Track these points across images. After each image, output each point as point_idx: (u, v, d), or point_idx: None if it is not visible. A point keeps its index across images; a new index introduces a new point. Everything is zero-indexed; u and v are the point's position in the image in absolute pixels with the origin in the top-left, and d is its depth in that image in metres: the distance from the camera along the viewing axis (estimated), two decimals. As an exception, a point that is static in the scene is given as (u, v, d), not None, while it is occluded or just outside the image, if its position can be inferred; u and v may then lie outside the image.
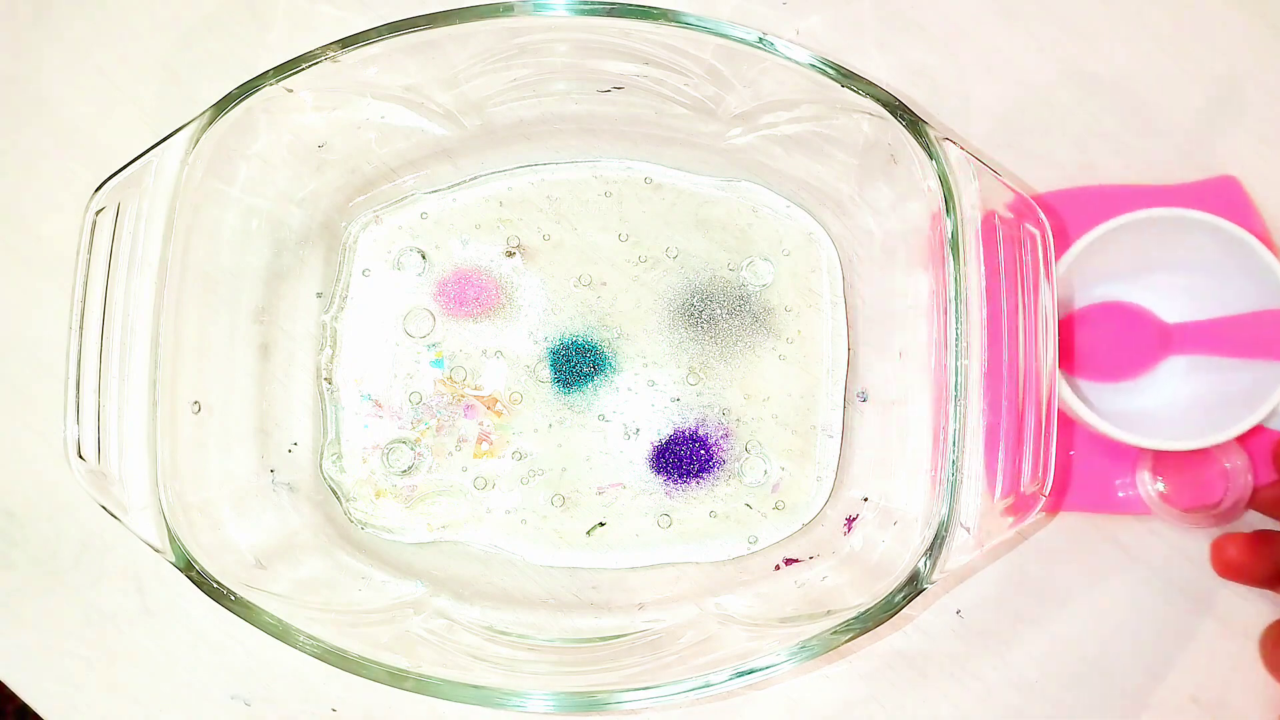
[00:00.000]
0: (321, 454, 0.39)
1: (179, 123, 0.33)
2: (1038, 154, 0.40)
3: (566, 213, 0.40)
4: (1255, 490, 0.37)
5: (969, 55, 0.41)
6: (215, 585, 0.31)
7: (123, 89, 0.41)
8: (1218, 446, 0.36)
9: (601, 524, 0.38)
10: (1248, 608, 0.38)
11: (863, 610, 0.31)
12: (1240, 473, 0.37)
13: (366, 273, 0.39)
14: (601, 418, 0.39)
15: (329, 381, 0.39)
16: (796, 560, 0.38)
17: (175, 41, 0.41)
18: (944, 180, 0.32)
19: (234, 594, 0.31)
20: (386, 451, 0.38)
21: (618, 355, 0.39)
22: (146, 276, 0.32)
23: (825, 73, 0.33)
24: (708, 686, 0.31)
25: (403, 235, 0.40)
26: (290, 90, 0.34)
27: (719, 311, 0.39)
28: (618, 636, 0.35)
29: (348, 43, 0.33)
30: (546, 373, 0.39)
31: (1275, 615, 0.38)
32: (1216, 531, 0.38)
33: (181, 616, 0.38)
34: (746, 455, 0.39)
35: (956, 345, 0.32)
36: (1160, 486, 0.38)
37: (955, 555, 0.31)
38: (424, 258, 0.39)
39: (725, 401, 0.39)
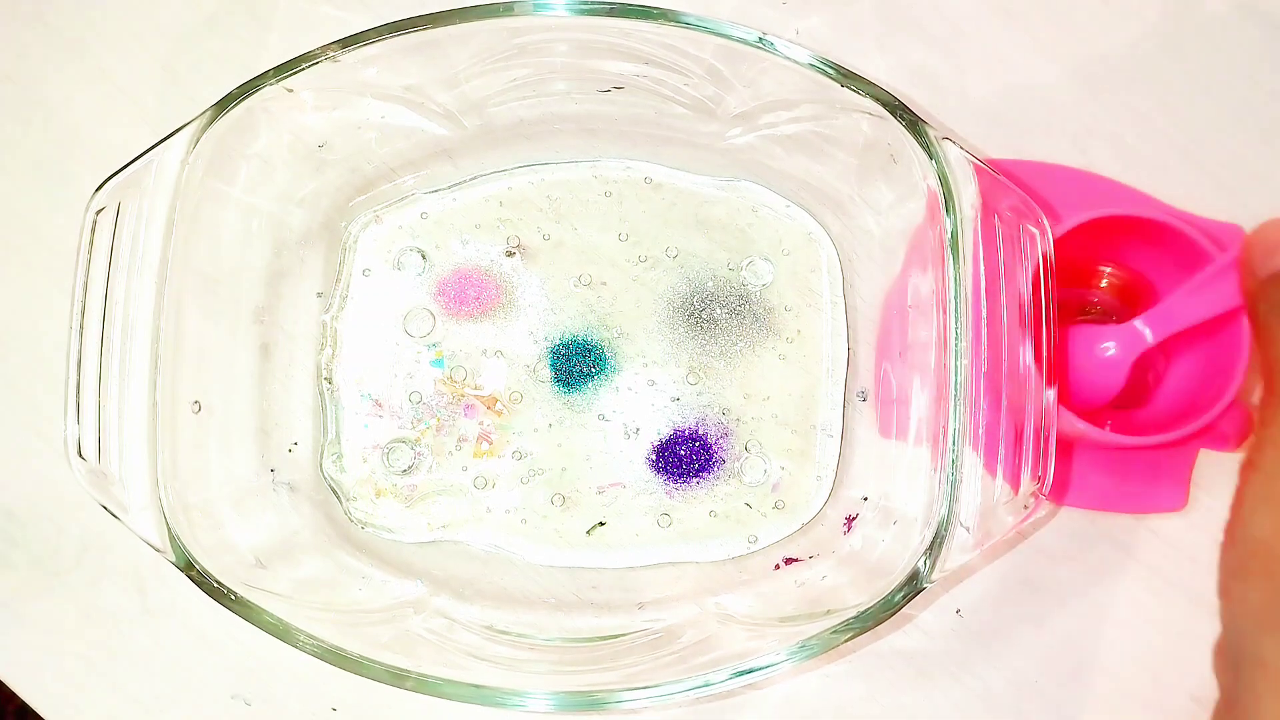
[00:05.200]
0: (322, 453, 0.39)
1: (179, 122, 0.33)
2: (1037, 154, 0.40)
3: (566, 213, 0.40)
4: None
5: (969, 55, 0.41)
6: (215, 585, 0.31)
7: (123, 89, 0.41)
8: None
9: (601, 524, 0.38)
10: (1247, 607, 0.38)
11: (862, 610, 0.31)
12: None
13: (367, 272, 0.39)
14: (601, 417, 0.39)
15: (329, 381, 0.39)
16: (796, 560, 0.38)
17: (176, 41, 0.41)
18: (943, 180, 0.32)
19: (234, 594, 0.31)
20: (387, 451, 0.39)
21: (618, 355, 0.39)
22: (147, 276, 0.32)
23: (825, 73, 0.33)
24: (707, 686, 0.31)
25: (403, 235, 0.40)
26: (291, 90, 0.34)
27: (719, 311, 0.39)
28: (618, 636, 0.35)
29: (348, 43, 0.33)
30: (546, 372, 0.39)
31: None
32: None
33: (182, 616, 0.38)
34: (746, 455, 0.39)
35: (956, 345, 0.32)
36: None
37: (955, 555, 0.31)
38: (424, 258, 0.39)
39: (725, 401, 0.39)
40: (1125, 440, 0.35)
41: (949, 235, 0.32)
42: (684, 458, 0.38)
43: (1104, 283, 0.39)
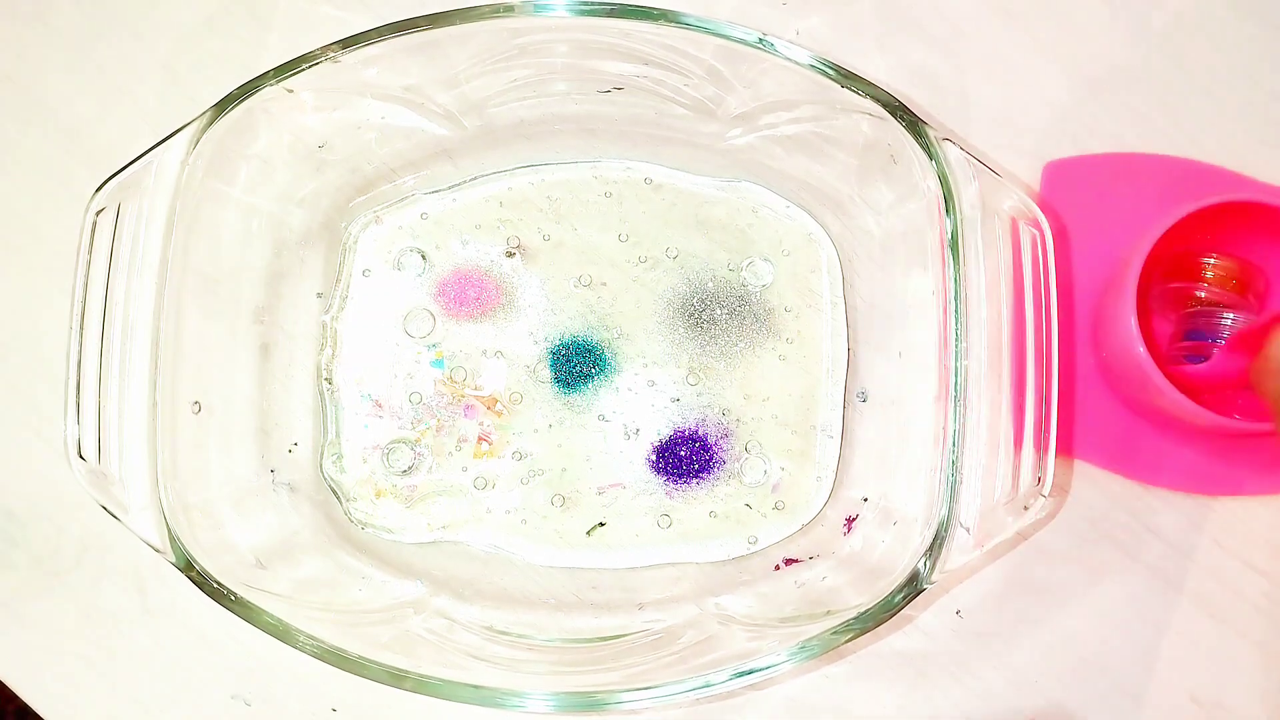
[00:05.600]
0: (322, 454, 0.39)
1: (179, 123, 0.33)
2: (1037, 154, 0.41)
3: (566, 213, 0.40)
4: None
5: (969, 55, 0.41)
6: (215, 585, 0.31)
7: (123, 89, 0.41)
8: None
9: (601, 524, 0.38)
10: (1247, 607, 0.38)
11: (863, 610, 0.31)
12: None
13: (367, 273, 0.39)
14: (601, 418, 0.39)
15: (329, 381, 0.39)
16: (796, 560, 0.38)
17: (175, 42, 0.41)
18: (943, 180, 0.32)
19: (234, 594, 0.31)
20: (387, 451, 0.39)
21: (618, 355, 0.39)
22: (147, 277, 0.32)
23: (825, 73, 0.33)
24: (708, 686, 0.31)
25: (403, 235, 0.40)
26: (291, 90, 0.34)
27: (719, 312, 0.39)
28: (618, 636, 0.35)
29: (348, 43, 0.33)
30: (546, 373, 0.39)
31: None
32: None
33: (182, 616, 0.38)
34: (746, 455, 0.39)
35: (956, 345, 0.32)
36: None
37: (955, 555, 0.31)
38: (424, 258, 0.39)
39: (725, 401, 0.39)
40: (1251, 426, 0.35)
41: (949, 235, 0.32)
42: (684, 458, 0.39)
43: (1209, 274, 0.38)
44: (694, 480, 0.39)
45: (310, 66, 0.33)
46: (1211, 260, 0.38)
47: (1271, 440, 0.38)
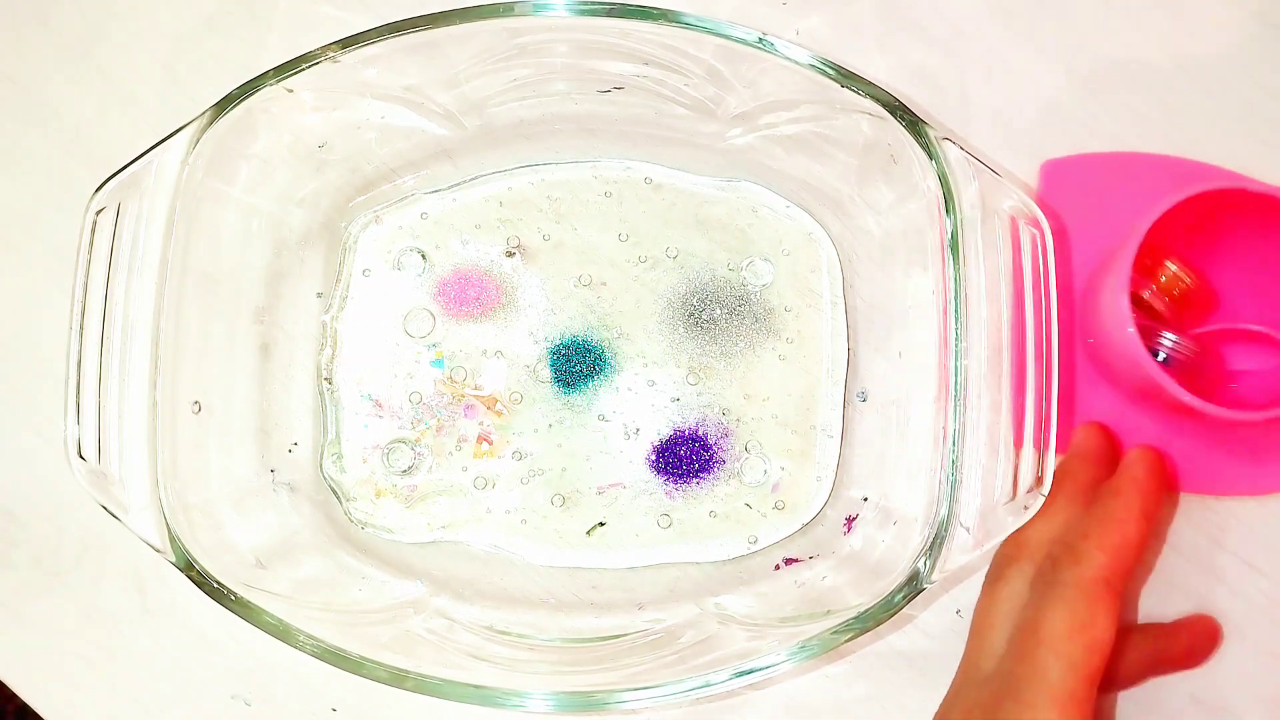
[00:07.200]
0: (322, 454, 0.39)
1: (179, 123, 0.33)
2: (1037, 154, 0.41)
3: (566, 213, 0.40)
4: None
5: (969, 55, 0.41)
6: (215, 585, 0.31)
7: (123, 89, 0.41)
8: None
9: (601, 524, 0.38)
10: (1248, 607, 0.38)
11: (862, 610, 0.31)
12: None
13: (367, 273, 0.39)
14: (601, 418, 0.39)
15: (329, 381, 0.39)
16: (796, 560, 0.38)
17: (175, 42, 0.41)
18: (943, 180, 0.32)
19: (234, 594, 0.31)
20: (387, 451, 0.39)
21: (618, 355, 0.39)
22: (147, 277, 0.32)
23: (825, 73, 0.33)
24: (708, 686, 0.31)
25: (403, 235, 0.40)
26: (291, 90, 0.34)
27: (719, 311, 0.39)
28: (618, 636, 0.35)
29: (348, 43, 0.33)
30: (546, 373, 0.39)
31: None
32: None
33: (182, 616, 0.38)
34: (746, 455, 0.39)
35: (956, 345, 0.32)
36: None
37: (955, 555, 0.31)
38: (424, 258, 0.39)
39: (725, 401, 0.39)
40: (1232, 415, 0.34)
41: (949, 235, 0.32)
42: (684, 458, 0.39)
43: (1163, 277, 0.37)
44: (694, 480, 0.39)
45: (310, 66, 0.33)
46: (1172, 267, 0.37)
47: (1271, 439, 0.38)
